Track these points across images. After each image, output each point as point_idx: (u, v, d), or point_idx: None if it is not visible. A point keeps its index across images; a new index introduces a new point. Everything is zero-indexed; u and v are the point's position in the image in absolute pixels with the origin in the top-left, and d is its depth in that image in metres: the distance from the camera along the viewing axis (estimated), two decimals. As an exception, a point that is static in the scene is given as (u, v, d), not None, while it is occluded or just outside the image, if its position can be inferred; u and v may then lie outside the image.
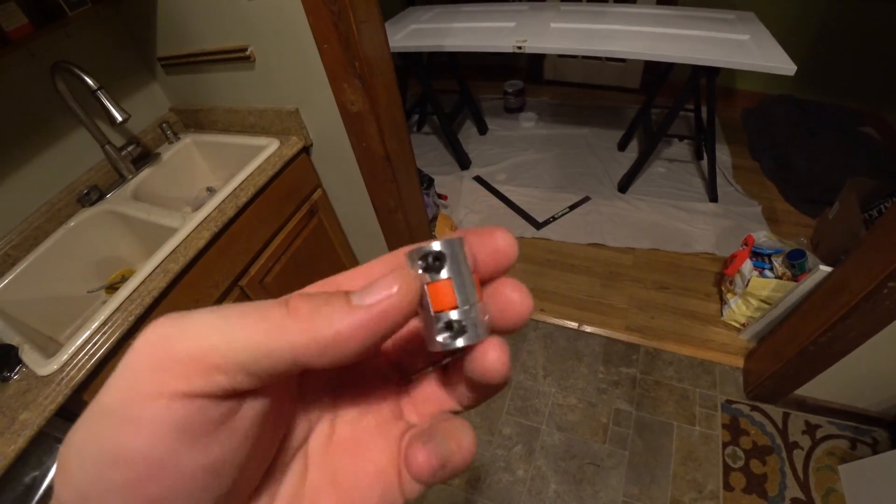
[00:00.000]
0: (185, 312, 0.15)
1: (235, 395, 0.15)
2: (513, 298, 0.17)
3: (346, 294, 0.15)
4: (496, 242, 0.17)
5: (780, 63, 1.46)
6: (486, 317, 0.17)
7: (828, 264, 1.20)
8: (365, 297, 0.15)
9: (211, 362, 0.14)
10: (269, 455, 0.18)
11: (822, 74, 2.28)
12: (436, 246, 0.16)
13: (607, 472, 1.32)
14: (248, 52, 1.08)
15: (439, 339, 0.16)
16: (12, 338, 0.86)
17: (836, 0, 2.10)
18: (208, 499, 0.14)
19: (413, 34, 2.03)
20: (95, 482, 0.13)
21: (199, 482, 0.14)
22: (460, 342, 0.16)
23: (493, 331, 0.17)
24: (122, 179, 1.18)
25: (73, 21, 1.03)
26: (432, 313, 0.16)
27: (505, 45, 1.78)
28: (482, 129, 2.65)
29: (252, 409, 0.15)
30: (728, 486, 1.25)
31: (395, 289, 0.15)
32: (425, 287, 0.16)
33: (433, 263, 0.16)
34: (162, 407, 0.13)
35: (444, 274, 0.16)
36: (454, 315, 0.16)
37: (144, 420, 0.13)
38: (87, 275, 1.12)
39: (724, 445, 1.33)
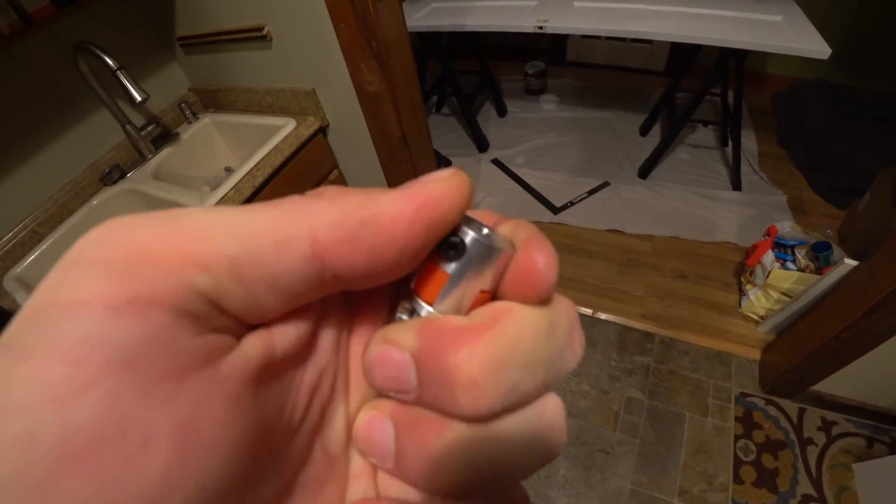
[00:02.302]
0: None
1: (227, 326, 0.11)
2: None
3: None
4: (532, 260, 0.13)
5: (813, 45, 1.40)
6: None
7: (856, 258, 1.16)
8: (412, 183, 0.12)
9: (186, 253, 0.10)
10: (294, 457, 0.13)
11: (859, 58, 2.17)
12: (465, 235, 0.13)
13: (617, 459, 1.32)
14: (264, 32, 1.08)
15: (398, 313, 0.14)
16: (38, 311, 0.89)
17: (879, -22, 1.99)
18: (187, 496, 0.09)
19: (433, 13, 1.99)
20: None
21: (155, 465, 0.08)
22: None
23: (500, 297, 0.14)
24: (142, 159, 1.20)
25: (94, 2, 1.04)
26: (411, 285, 0.14)
27: (526, 24, 1.74)
28: (502, 112, 2.61)
29: (250, 356, 0.11)
30: (738, 479, 1.24)
31: (448, 173, 0.13)
32: (427, 260, 0.13)
33: (448, 248, 0.13)
34: (94, 321, 0.08)
35: (448, 266, 0.13)
36: (419, 308, 0.14)
37: (60, 345, 0.08)
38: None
39: (737, 438, 1.32)
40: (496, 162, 2.31)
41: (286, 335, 0.12)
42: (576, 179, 2.15)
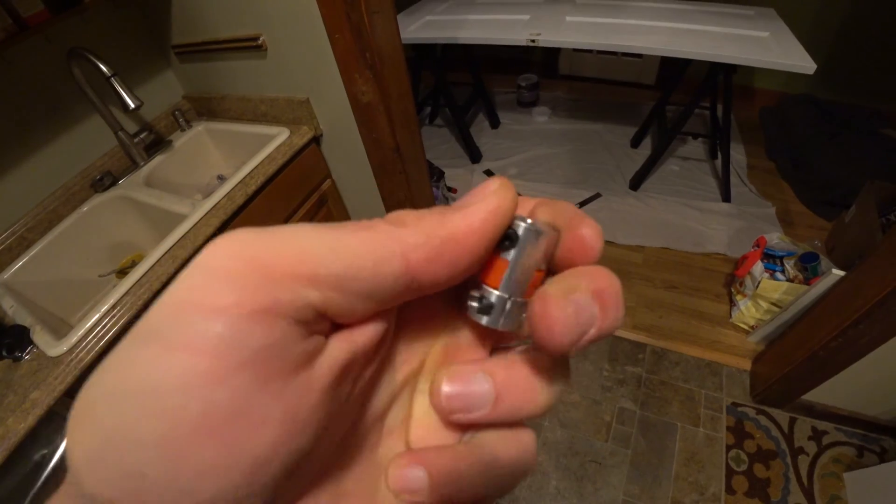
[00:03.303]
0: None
1: (322, 329, 0.13)
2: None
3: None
4: (582, 236, 0.15)
5: (799, 61, 1.43)
6: (522, 315, 0.16)
7: (843, 269, 1.18)
8: (467, 200, 0.15)
9: (301, 272, 0.11)
10: (343, 427, 0.15)
11: (843, 74, 2.22)
12: (517, 228, 0.16)
13: (609, 470, 1.32)
14: (260, 41, 1.08)
15: (469, 301, 0.16)
16: (25, 319, 0.88)
17: (862, -3, 2.05)
18: (271, 472, 0.11)
19: (427, 26, 2.02)
20: (127, 431, 0.10)
21: (265, 441, 0.11)
22: (479, 318, 0.16)
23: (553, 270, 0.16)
24: (134, 166, 1.20)
25: (89, 8, 1.04)
26: (478, 278, 0.16)
27: (519, 38, 1.76)
28: (494, 123, 2.64)
29: (337, 356, 0.13)
30: (730, 490, 1.24)
31: (497, 184, 0.15)
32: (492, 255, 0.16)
33: (504, 241, 0.16)
34: (231, 326, 0.10)
35: (506, 255, 0.16)
36: (488, 294, 0.16)
37: (205, 342, 0.10)
38: (98, 259, 1.14)
39: (728, 448, 1.32)
40: (489, 173, 2.32)
41: (366, 334, 0.14)
42: (567, 191, 2.17)
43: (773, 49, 1.53)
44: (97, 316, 0.84)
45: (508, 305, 0.16)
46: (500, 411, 0.15)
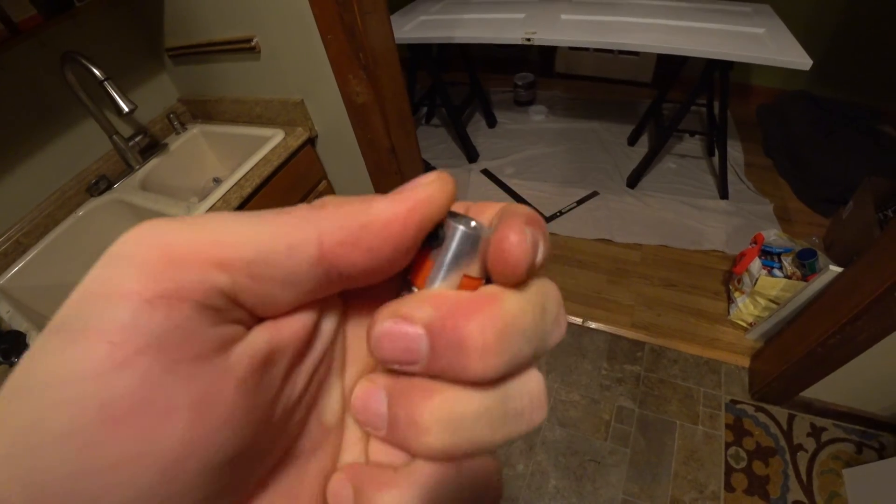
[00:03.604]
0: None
1: (239, 318, 0.12)
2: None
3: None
4: (502, 244, 0.14)
5: (795, 57, 1.43)
6: None
7: (841, 265, 1.18)
8: (399, 189, 0.14)
9: (210, 256, 0.11)
10: (289, 428, 0.14)
11: (840, 70, 2.22)
12: (447, 226, 0.15)
13: (608, 469, 1.31)
14: (253, 43, 1.08)
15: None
16: (21, 324, 0.88)
17: (858, -7, 2.04)
18: (189, 471, 0.10)
19: (422, 25, 2.01)
20: (30, 429, 0.09)
21: (175, 432, 0.10)
22: None
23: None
24: (130, 169, 1.20)
25: (81, 12, 1.04)
26: (408, 277, 0.16)
27: (514, 36, 1.76)
28: (491, 123, 2.63)
29: (256, 346, 0.12)
30: (729, 487, 1.24)
31: (433, 177, 0.14)
32: (420, 250, 0.15)
33: (431, 239, 0.15)
34: (132, 311, 0.10)
35: (431, 255, 0.15)
36: (415, 291, 0.15)
37: (105, 329, 0.10)
38: (94, 263, 1.13)
39: (727, 446, 1.32)
40: (486, 172, 2.32)
41: (291, 327, 0.13)
42: (565, 189, 2.17)
43: (770, 46, 1.53)
44: (92, 320, 0.84)
45: None
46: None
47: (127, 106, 0.96)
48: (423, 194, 0.14)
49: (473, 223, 0.15)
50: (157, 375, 0.10)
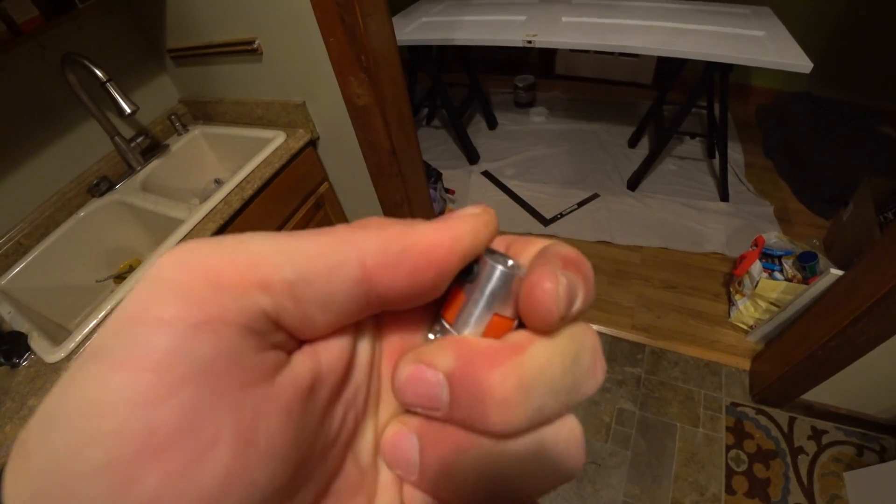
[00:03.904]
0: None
1: (281, 343, 0.12)
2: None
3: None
4: (534, 290, 0.13)
5: (795, 60, 1.43)
6: None
7: (841, 267, 1.18)
8: (447, 217, 0.14)
9: (251, 278, 0.11)
10: (326, 467, 0.14)
11: (840, 72, 2.23)
12: (482, 262, 0.15)
13: (609, 471, 1.31)
14: (255, 45, 1.08)
15: (428, 334, 0.16)
16: (22, 325, 0.88)
17: (858, -5, 2.05)
18: (241, 499, 0.10)
19: (422, 27, 2.02)
20: (66, 462, 0.09)
21: (218, 465, 0.10)
22: None
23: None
24: (131, 170, 1.20)
25: (83, 13, 1.04)
26: (440, 311, 0.15)
27: (515, 38, 1.76)
28: (492, 124, 2.63)
29: (300, 373, 0.12)
30: (730, 490, 1.24)
31: (479, 210, 0.14)
32: (453, 286, 0.15)
33: (465, 273, 0.15)
34: (176, 337, 0.10)
35: (463, 289, 0.15)
36: (443, 328, 0.15)
37: (148, 357, 0.09)
38: (96, 264, 1.14)
39: (728, 448, 1.32)
40: (486, 174, 2.32)
41: (331, 353, 0.13)
42: (565, 191, 2.17)
43: (770, 48, 1.53)
44: (95, 322, 0.84)
45: None
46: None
47: (129, 107, 0.97)
48: (467, 225, 0.14)
49: (511, 262, 0.15)
50: (203, 404, 0.10)
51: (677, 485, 1.27)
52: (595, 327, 1.62)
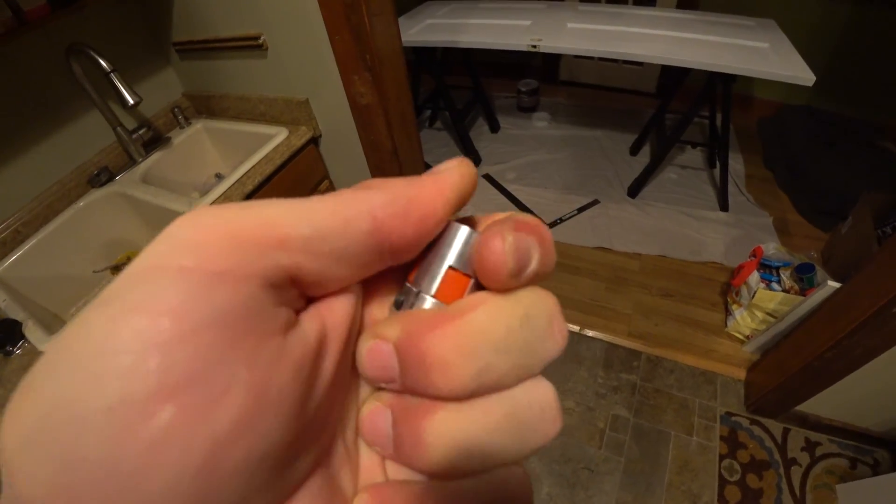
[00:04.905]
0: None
1: (293, 300, 0.13)
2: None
3: None
4: (482, 247, 0.14)
5: (798, 72, 1.44)
6: None
7: (838, 279, 1.18)
8: (434, 170, 0.15)
9: (269, 236, 0.11)
10: (320, 434, 0.14)
11: (842, 86, 2.24)
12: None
13: (602, 477, 1.31)
14: (261, 41, 1.08)
15: (397, 296, 0.16)
16: (17, 313, 0.87)
17: (859, 10, 2.06)
18: (234, 459, 0.10)
19: (428, 29, 2.02)
20: (71, 401, 0.09)
21: (230, 411, 0.10)
22: (393, 312, 0.16)
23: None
24: (132, 162, 1.19)
25: (90, 3, 1.04)
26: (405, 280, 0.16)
27: (520, 43, 1.77)
28: (494, 127, 2.64)
29: (308, 333, 0.13)
30: (723, 499, 1.24)
31: (458, 161, 0.15)
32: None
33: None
34: (196, 285, 0.10)
35: (425, 250, 0.15)
36: (405, 288, 0.15)
37: (166, 302, 0.10)
38: (93, 255, 1.13)
39: (721, 458, 1.31)
40: (487, 177, 2.32)
41: (333, 316, 0.14)
42: (566, 196, 2.17)
43: (773, 60, 1.53)
44: (89, 312, 0.84)
45: (414, 300, 0.15)
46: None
47: (132, 99, 0.96)
48: (457, 174, 0.15)
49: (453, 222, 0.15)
50: (219, 351, 0.10)
51: (670, 493, 1.26)
52: (591, 333, 1.63)
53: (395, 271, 0.16)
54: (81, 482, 0.09)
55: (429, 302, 0.15)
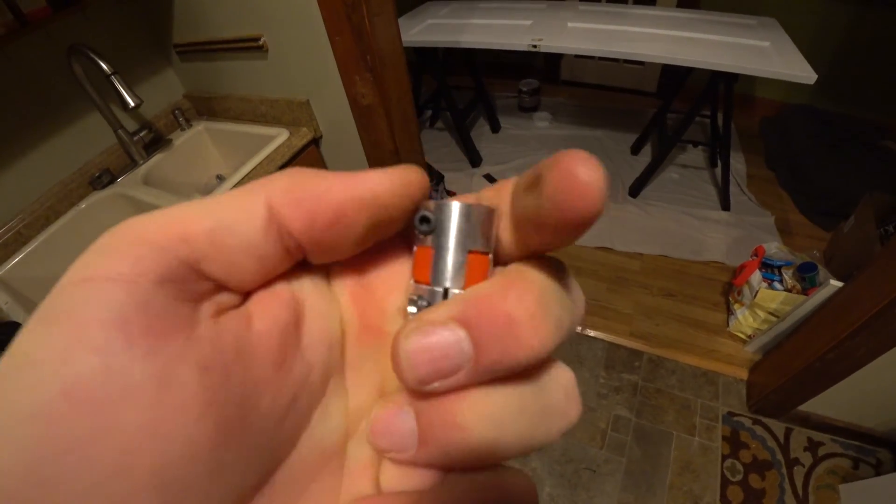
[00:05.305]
0: None
1: (204, 292, 0.12)
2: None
3: None
4: (567, 178, 0.11)
5: (800, 71, 1.43)
6: None
7: (841, 279, 1.18)
8: (361, 172, 0.14)
9: (171, 232, 0.12)
10: (268, 451, 0.13)
11: (844, 85, 2.23)
12: (435, 208, 0.14)
13: (603, 478, 1.31)
14: (261, 42, 1.08)
15: (408, 307, 0.14)
16: (19, 314, 0.88)
17: (861, 9, 2.05)
18: (144, 464, 0.10)
19: (429, 29, 2.02)
20: None
21: (136, 405, 0.10)
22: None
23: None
24: (133, 164, 1.20)
25: (90, 4, 1.05)
26: (411, 280, 0.14)
27: (521, 43, 1.77)
28: (495, 128, 2.64)
29: (223, 329, 0.12)
30: (725, 500, 1.24)
31: (400, 168, 0.14)
32: (414, 248, 0.14)
33: (422, 227, 0.14)
34: (93, 290, 0.10)
35: (426, 241, 0.14)
36: (422, 291, 0.14)
37: (69, 312, 0.10)
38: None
39: (724, 458, 1.31)
40: (488, 177, 2.32)
41: (264, 321, 0.13)
42: (567, 196, 2.16)
43: (775, 59, 1.53)
44: (91, 314, 0.84)
45: (444, 298, 0.14)
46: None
47: (133, 101, 0.97)
48: (384, 176, 0.14)
49: (441, 203, 0.14)
50: (116, 352, 0.10)
51: (672, 494, 1.26)
52: (593, 333, 1.63)
53: (385, 276, 0.16)
54: (5, 492, 0.09)
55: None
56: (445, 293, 0.14)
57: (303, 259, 0.14)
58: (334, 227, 0.13)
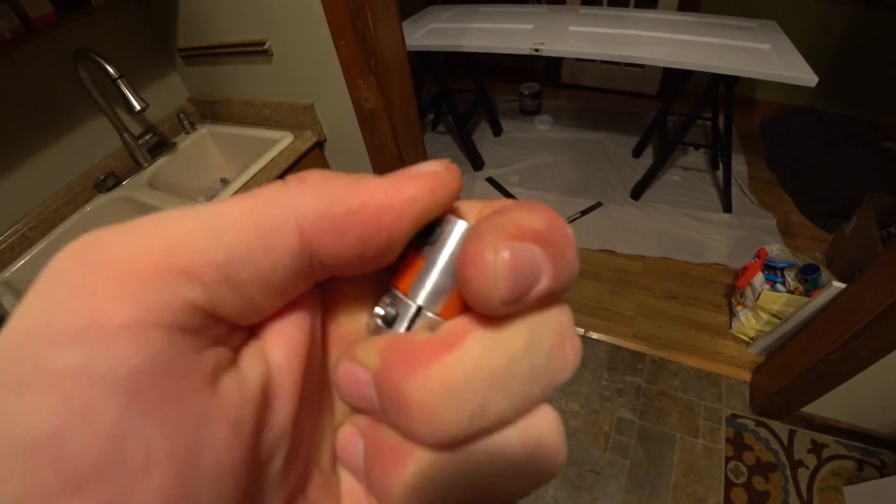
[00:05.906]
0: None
1: (221, 335, 0.10)
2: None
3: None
4: (464, 266, 0.11)
5: (800, 73, 1.44)
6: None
7: (843, 280, 1.18)
8: (401, 172, 0.12)
9: (171, 265, 0.09)
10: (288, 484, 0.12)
11: (844, 87, 2.23)
12: (448, 221, 0.12)
13: (607, 480, 1.31)
14: (266, 47, 1.09)
15: (377, 306, 0.13)
16: (25, 318, 0.88)
17: (860, 11, 2.06)
18: None
19: (431, 33, 2.03)
20: None
21: (155, 486, 0.08)
22: (381, 329, 0.13)
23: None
24: (138, 167, 1.20)
25: (96, 10, 1.05)
26: (390, 281, 0.13)
27: (522, 46, 1.77)
28: (497, 131, 2.65)
29: (249, 375, 0.10)
30: (729, 502, 1.23)
31: (438, 166, 0.12)
32: (407, 251, 0.13)
33: (424, 234, 0.13)
34: (88, 350, 0.08)
35: (422, 252, 0.13)
36: (396, 300, 0.13)
37: (50, 377, 0.08)
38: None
39: (727, 460, 1.31)
40: (490, 180, 2.33)
41: (279, 351, 0.11)
42: (569, 199, 2.17)
43: (775, 61, 1.54)
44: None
45: (413, 317, 0.12)
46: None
47: (139, 104, 0.97)
48: (423, 184, 0.12)
49: (455, 220, 0.13)
50: (129, 425, 0.08)
51: (675, 496, 1.26)
52: (596, 335, 1.63)
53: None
54: None
55: (432, 320, 0.12)
56: (418, 311, 0.12)
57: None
58: (386, 255, 0.12)
